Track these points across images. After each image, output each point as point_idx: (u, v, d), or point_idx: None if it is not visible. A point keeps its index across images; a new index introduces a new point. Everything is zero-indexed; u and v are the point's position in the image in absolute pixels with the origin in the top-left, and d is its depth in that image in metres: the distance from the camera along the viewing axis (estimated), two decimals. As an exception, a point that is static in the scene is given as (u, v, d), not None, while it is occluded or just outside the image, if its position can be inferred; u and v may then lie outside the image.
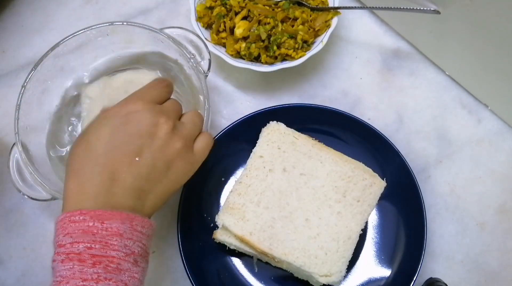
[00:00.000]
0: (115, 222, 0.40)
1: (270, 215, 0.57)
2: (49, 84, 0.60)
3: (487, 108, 0.67)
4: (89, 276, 0.38)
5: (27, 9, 0.73)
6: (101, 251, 0.39)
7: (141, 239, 0.42)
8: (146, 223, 0.43)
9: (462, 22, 0.59)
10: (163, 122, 0.46)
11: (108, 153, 0.43)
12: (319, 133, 0.62)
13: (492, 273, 0.61)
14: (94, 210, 0.40)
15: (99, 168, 0.42)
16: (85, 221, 0.40)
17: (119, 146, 0.43)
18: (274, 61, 0.64)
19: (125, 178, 0.43)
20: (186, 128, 0.49)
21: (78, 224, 0.40)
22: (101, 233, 0.40)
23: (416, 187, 0.59)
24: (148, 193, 0.45)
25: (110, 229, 0.40)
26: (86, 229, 0.39)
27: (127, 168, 0.43)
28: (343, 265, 0.55)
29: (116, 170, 0.43)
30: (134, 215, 0.42)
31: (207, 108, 0.56)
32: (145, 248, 0.43)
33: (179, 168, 0.47)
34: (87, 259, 0.39)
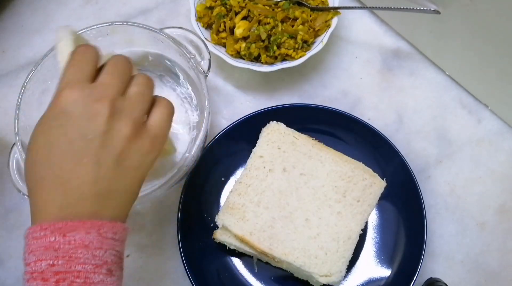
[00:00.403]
0: (79, 233, 0.37)
1: (270, 215, 0.57)
2: (49, 84, 0.60)
3: (487, 108, 0.67)
4: None
5: (27, 9, 0.73)
6: (64, 267, 0.36)
7: (113, 246, 0.38)
8: (117, 227, 0.39)
9: (462, 22, 0.59)
10: (99, 107, 0.38)
11: (52, 163, 0.38)
12: (319, 133, 0.62)
13: (492, 273, 0.61)
14: (54, 223, 0.37)
15: (47, 181, 0.38)
16: (46, 236, 0.36)
17: (61, 153, 0.38)
18: (274, 61, 0.64)
19: (76, 185, 0.38)
20: (132, 103, 0.40)
21: (40, 241, 0.37)
22: (63, 248, 0.36)
23: (416, 187, 0.59)
24: (108, 194, 0.39)
25: (73, 241, 0.36)
26: (47, 245, 0.36)
27: (75, 175, 0.38)
28: (343, 265, 0.55)
29: (65, 179, 0.38)
30: (101, 221, 0.38)
31: (207, 108, 0.56)
32: (118, 255, 0.39)
33: (134, 155, 0.40)
34: (50, 277, 0.36)
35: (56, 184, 0.38)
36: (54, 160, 0.38)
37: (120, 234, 0.39)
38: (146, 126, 0.41)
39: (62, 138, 0.38)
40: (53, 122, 0.39)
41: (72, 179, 0.38)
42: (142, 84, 0.42)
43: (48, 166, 0.38)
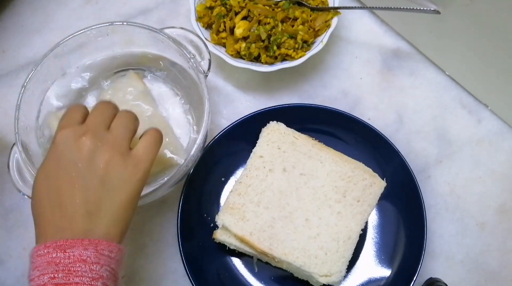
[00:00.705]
0: (77, 249, 0.41)
1: (270, 215, 0.57)
2: (49, 84, 0.60)
3: (487, 108, 0.67)
4: None
5: (27, 9, 0.73)
6: (64, 279, 0.40)
7: (109, 263, 0.43)
8: (113, 247, 0.43)
9: (462, 22, 0.59)
10: (84, 140, 0.45)
11: (51, 190, 0.44)
12: (319, 133, 0.62)
13: (492, 273, 0.61)
14: (56, 241, 0.41)
15: (47, 206, 0.44)
16: (49, 253, 0.41)
17: (57, 181, 0.44)
18: (274, 61, 0.64)
19: (70, 207, 0.43)
20: (113, 134, 0.47)
21: (43, 257, 0.41)
22: (63, 262, 0.41)
23: (416, 187, 0.59)
24: (98, 213, 0.44)
25: (72, 256, 0.41)
26: (50, 260, 0.41)
27: (69, 198, 0.44)
28: (343, 265, 0.55)
29: (61, 202, 0.44)
30: (98, 239, 0.43)
31: (207, 108, 0.56)
32: (113, 273, 0.43)
33: (116, 178, 0.45)
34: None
35: (54, 208, 0.44)
36: (52, 188, 0.44)
37: (116, 253, 0.44)
38: (131, 153, 0.47)
39: (58, 168, 0.45)
40: (51, 158, 0.45)
41: (67, 202, 0.43)
42: (124, 117, 0.49)
43: (48, 193, 0.44)
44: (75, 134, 0.45)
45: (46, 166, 0.46)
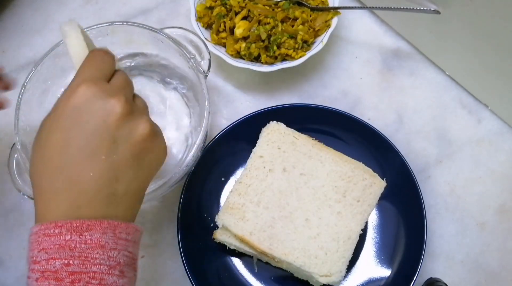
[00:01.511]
0: (96, 232, 0.36)
1: (270, 215, 0.57)
2: (49, 84, 0.60)
3: (487, 108, 0.67)
4: None
5: (27, 9, 0.73)
6: (80, 267, 0.35)
7: (126, 247, 0.38)
8: (131, 228, 0.39)
9: (462, 22, 0.59)
10: (115, 104, 0.38)
11: (66, 162, 0.37)
12: (319, 133, 0.62)
13: (492, 273, 0.61)
14: (71, 222, 0.36)
15: (60, 182, 0.37)
16: (61, 234, 0.35)
17: (75, 151, 0.37)
18: (274, 61, 0.64)
19: (90, 186, 0.37)
20: (142, 102, 0.42)
21: (54, 238, 0.35)
22: (80, 247, 0.35)
23: (416, 187, 0.59)
24: (123, 195, 0.39)
25: (90, 241, 0.36)
26: (62, 243, 0.35)
27: (90, 175, 0.37)
28: (343, 265, 0.55)
29: (80, 178, 0.37)
30: (117, 222, 0.37)
31: (207, 108, 0.56)
32: (131, 256, 0.39)
33: (148, 157, 0.40)
34: (65, 278, 0.35)
35: (70, 182, 0.37)
36: (70, 157, 0.37)
37: (133, 234, 0.39)
38: (160, 133, 0.42)
39: (79, 133, 0.37)
40: (69, 118, 0.38)
41: (87, 177, 0.37)
42: (140, 97, 0.44)
43: (63, 163, 0.37)
44: (104, 94, 0.38)
45: (60, 126, 0.38)
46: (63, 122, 0.38)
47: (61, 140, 0.37)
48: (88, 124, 0.37)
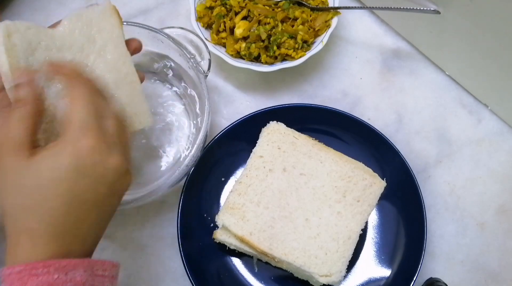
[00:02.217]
0: (78, 271, 0.38)
1: (270, 215, 0.57)
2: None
3: (487, 108, 0.67)
4: None
5: (27, 9, 0.73)
6: None
7: (103, 282, 0.40)
8: (107, 265, 0.41)
9: (462, 22, 0.59)
10: (113, 162, 0.41)
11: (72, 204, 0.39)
12: (319, 133, 0.62)
13: (492, 273, 0.61)
14: (59, 261, 0.37)
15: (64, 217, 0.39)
16: (49, 273, 0.37)
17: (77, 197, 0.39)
18: (274, 61, 0.64)
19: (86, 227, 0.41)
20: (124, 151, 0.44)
21: (42, 278, 0.36)
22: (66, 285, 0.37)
23: (416, 187, 0.59)
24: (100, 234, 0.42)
25: (74, 279, 0.38)
26: (51, 282, 0.36)
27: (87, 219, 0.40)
28: (343, 265, 0.55)
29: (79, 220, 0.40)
30: (94, 260, 0.40)
31: (207, 108, 0.56)
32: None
33: (118, 197, 0.44)
34: None
35: (72, 224, 0.39)
36: (74, 204, 0.39)
37: (110, 270, 0.41)
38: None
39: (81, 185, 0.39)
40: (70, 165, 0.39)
41: (84, 221, 0.40)
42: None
43: (66, 207, 0.39)
44: (104, 150, 0.40)
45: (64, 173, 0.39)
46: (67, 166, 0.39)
47: (66, 185, 0.39)
48: (90, 177, 0.39)
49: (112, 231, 0.62)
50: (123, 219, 0.62)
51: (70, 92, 0.41)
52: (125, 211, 0.62)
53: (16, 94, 0.40)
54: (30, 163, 0.38)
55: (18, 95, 0.40)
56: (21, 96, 0.40)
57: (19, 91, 0.40)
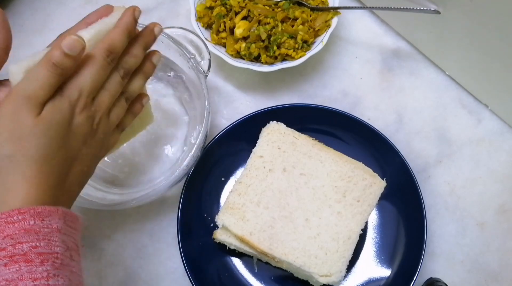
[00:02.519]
0: (54, 218, 0.39)
1: (270, 215, 0.57)
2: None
3: (487, 108, 0.67)
4: (39, 274, 0.37)
5: (27, 9, 0.73)
6: (46, 248, 0.38)
7: (72, 234, 0.41)
8: (74, 218, 0.42)
9: (462, 22, 0.59)
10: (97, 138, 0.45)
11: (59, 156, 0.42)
12: (319, 133, 0.62)
13: (492, 273, 0.61)
14: (34, 208, 0.38)
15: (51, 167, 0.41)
16: (25, 220, 0.38)
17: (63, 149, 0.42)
18: (274, 61, 0.64)
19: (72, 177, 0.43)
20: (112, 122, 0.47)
21: (18, 224, 0.38)
22: (43, 231, 0.38)
23: (416, 187, 0.59)
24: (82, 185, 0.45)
25: (50, 226, 0.39)
26: (28, 228, 0.38)
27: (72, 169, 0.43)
28: (343, 265, 0.55)
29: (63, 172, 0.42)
30: (67, 210, 0.41)
31: (207, 108, 0.56)
32: (76, 242, 0.42)
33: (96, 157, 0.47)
34: (35, 258, 0.38)
35: (57, 175, 0.41)
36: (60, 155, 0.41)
37: (76, 223, 0.42)
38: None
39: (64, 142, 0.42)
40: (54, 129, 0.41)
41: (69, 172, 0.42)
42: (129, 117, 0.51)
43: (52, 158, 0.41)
44: (91, 132, 0.44)
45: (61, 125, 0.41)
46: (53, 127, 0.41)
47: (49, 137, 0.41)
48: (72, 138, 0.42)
49: (112, 231, 0.62)
50: (123, 219, 0.62)
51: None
52: (125, 211, 0.62)
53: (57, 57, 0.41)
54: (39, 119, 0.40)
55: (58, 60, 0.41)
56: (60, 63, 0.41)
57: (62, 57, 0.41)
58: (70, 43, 0.40)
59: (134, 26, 0.46)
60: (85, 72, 0.42)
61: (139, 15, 0.46)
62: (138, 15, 0.46)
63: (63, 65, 0.40)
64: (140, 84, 0.48)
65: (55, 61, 0.40)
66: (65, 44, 0.40)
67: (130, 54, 0.46)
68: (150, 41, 0.47)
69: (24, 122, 0.40)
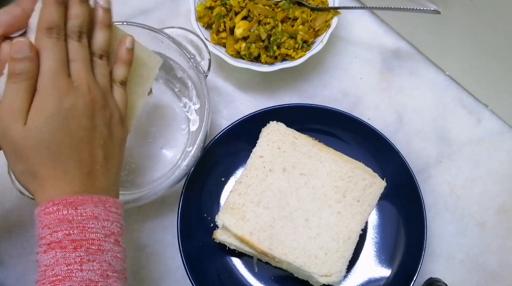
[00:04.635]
0: (88, 206, 0.41)
1: (270, 215, 0.57)
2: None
3: (487, 108, 0.67)
4: (72, 260, 0.40)
5: (27, 9, 0.73)
6: (80, 235, 0.40)
7: (118, 219, 0.43)
8: (118, 204, 0.44)
9: (462, 22, 0.59)
10: (97, 113, 0.44)
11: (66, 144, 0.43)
12: (319, 133, 0.62)
13: (492, 273, 0.61)
14: (66, 198, 0.41)
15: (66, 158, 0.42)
16: (59, 210, 0.41)
17: (70, 136, 0.43)
18: (274, 61, 0.64)
19: (94, 164, 0.44)
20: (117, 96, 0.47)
21: (53, 215, 0.41)
22: (77, 219, 0.41)
23: (416, 187, 0.59)
24: (110, 171, 0.45)
25: (85, 214, 0.41)
26: (61, 217, 0.40)
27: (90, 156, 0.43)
28: (343, 265, 0.55)
29: (83, 159, 0.43)
30: (106, 197, 0.43)
31: (207, 108, 0.56)
32: (123, 228, 0.44)
33: (118, 137, 0.46)
34: (68, 245, 0.40)
35: (77, 163, 0.42)
36: (69, 143, 0.42)
37: (120, 209, 0.45)
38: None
39: (70, 128, 0.42)
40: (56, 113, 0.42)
41: (88, 159, 0.43)
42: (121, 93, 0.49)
43: (64, 148, 0.42)
44: (88, 104, 0.43)
45: (52, 120, 0.41)
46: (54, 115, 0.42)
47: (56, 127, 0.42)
48: (77, 122, 0.43)
49: (112, 231, 0.62)
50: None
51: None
52: (125, 211, 0.62)
53: (14, 67, 0.41)
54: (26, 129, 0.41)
55: (16, 69, 0.41)
56: (19, 70, 0.41)
57: (17, 65, 0.41)
58: (17, 48, 0.41)
59: None
60: (42, 59, 0.42)
61: None
62: None
63: (23, 70, 0.41)
64: (103, 35, 0.46)
65: (15, 72, 0.41)
66: (13, 51, 0.41)
67: (70, 17, 0.44)
68: None
69: (16, 136, 0.41)
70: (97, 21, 0.46)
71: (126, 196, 0.60)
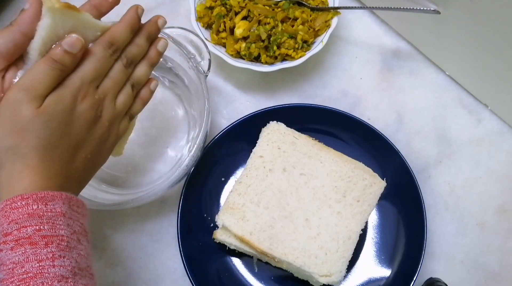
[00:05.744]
0: (58, 203, 0.41)
1: (270, 215, 0.57)
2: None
3: (487, 108, 0.67)
4: (44, 256, 0.39)
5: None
6: (50, 231, 0.40)
7: (78, 218, 0.43)
8: (80, 203, 0.44)
9: (462, 22, 0.59)
10: (100, 126, 0.46)
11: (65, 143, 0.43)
12: (319, 133, 0.62)
13: (492, 273, 0.61)
14: (36, 193, 0.40)
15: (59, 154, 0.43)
16: (28, 205, 0.39)
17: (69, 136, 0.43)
18: (274, 61, 0.64)
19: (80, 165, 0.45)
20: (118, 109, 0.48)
21: (22, 210, 0.39)
22: (47, 215, 0.40)
23: (416, 187, 0.59)
24: (89, 173, 0.46)
25: (54, 210, 0.40)
26: (31, 212, 0.39)
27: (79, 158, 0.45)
28: (343, 265, 0.55)
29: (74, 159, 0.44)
30: (71, 195, 0.42)
31: (207, 108, 0.56)
32: (83, 227, 0.43)
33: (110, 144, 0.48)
34: (39, 241, 0.39)
35: (66, 162, 0.43)
36: (67, 144, 0.43)
37: (82, 208, 0.44)
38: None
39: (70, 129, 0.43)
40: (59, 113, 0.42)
41: (78, 160, 0.44)
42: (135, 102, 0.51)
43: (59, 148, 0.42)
44: (96, 119, 0.44)
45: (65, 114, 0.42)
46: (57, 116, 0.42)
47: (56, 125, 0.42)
48: (76, 126, 0.44)
49: (112, 231, 0.62)
50: (123, 219, 0.62)
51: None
52: (125, 211, 0.62)
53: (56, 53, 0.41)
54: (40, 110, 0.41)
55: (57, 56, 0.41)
56: (59, 59, 0.42)
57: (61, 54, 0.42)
58: (71, 42, 0.42)
59: (137, 22, 0.47)
60: (86, 63, 0.43)
61: (142, 12, 0.48)
62: (141, 12, 0.47)
63: (63, 61, 0.41)
64: (145, 70, 0.49)
65: (55, 58, 0.41)
66: (66, 42, 0.42)
67: (133, 44, 0.47)
68: (153, 31, 0.49)
69: (25, 114, 0.41)
70: (147, 57, 0.49)
71: (126, 196, 0.60)
